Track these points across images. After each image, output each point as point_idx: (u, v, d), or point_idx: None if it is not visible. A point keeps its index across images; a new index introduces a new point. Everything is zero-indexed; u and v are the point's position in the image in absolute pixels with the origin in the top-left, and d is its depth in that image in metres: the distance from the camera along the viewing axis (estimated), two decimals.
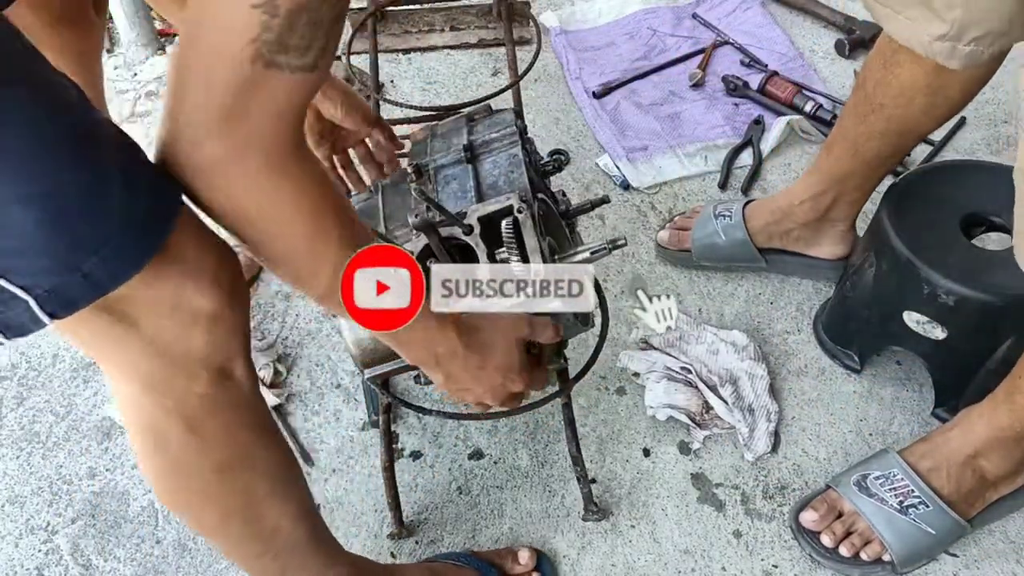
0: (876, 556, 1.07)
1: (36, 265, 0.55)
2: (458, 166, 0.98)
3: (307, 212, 0.65)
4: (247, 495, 0.81)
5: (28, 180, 0.54)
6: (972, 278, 1.08)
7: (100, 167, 0.57)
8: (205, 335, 0.66)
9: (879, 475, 1.09)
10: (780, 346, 1.35)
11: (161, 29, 1.94)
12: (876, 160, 1.22)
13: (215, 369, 0.70)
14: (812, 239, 1.37)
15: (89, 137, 0.58)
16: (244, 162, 0.60)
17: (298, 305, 1.42)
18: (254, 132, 0.59)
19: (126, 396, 0.72)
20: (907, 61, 1.08)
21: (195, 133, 0.59)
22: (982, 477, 1.08)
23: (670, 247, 1.44)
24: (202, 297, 0.64)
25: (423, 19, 1.94)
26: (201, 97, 0.58)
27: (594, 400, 1.29)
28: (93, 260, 0.56)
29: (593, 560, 1.13)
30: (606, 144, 1.66)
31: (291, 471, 0.87)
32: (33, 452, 1.25)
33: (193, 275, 0.64)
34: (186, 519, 0.84)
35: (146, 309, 0.63)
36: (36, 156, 0.54)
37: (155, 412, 0.71)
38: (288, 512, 0.86)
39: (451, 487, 1.20)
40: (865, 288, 1.22)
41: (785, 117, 1.65)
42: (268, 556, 0.87)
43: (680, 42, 1.88)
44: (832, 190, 1.29)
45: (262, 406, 0.80)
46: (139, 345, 0.65)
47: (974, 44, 0.99)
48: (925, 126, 1.16)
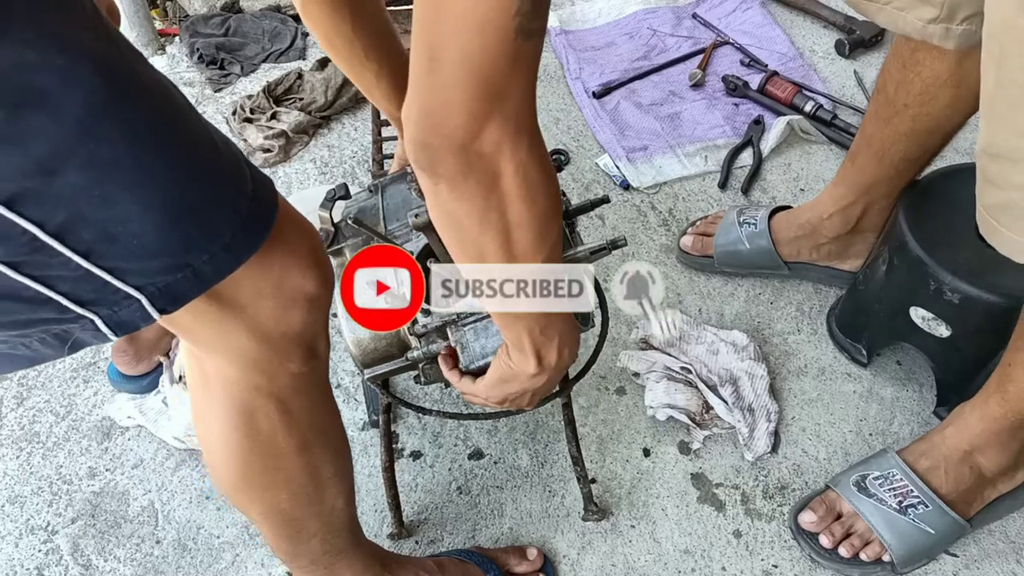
0: (876, 556, 1.07)
1: (151, 266, 0.57)
2: None
3: (552, 173, 0.67)
4: (317, 474, 0.82)
5: (150, 187, 0.54)
6: (979, 278, 1.08)
7: (211, 168, 0.58)
8: (304, 315, 0.68)
9: (878, 475, 1.09)
10: (780, 346, 1.35)
11: (161, 29, 1.94)
12: (903, 163, 1.21)
13: (306, 347, 0.71)
14: (843, 252, 1.36)
15: (198, 139, 0.59)
16: (520, 138, 0.61)
17: None
18: (522, 108, 0.60)
19: (216, 377, 0.73)
20: (927, 58, 1.08)
21: (462, 117, 0.58)
22: (980, 474, 1.08)
23: (693, 252, 1.43)
24: (304, 278, 0.66)
25: None
26: (462, 74, 0.56)
27: (594, 400, 1.29)
28: (205, 257, 0.58)
29: (593, 560, 1.13)
30: (606, 144, 1.66)
31: (349, 451, 0.89)
32: (33, 452, 1.25)
33: (295, 257, 0.66)
34: (254, 505, 0.83)
35: (252, 292, 0.64)
36: (155, 163, 0.55)
37: (247, 392, 0.72)
38: (344, 491, 0.87)
39: (451, 487, 1.20)
40: (877, 283, 1.22)
41: (785, 117, 1.65)
42: (318, 537, 0.89)
43: (680, 42, 1.88)
44: (861, 200, 1.28)
45: (330, 387, 0.83)
46: (240, 327, 0.66)
47: (967, 23, 1.00)
48: (951, 121, 1.15)
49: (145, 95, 0.55)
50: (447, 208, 0.66)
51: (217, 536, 1.16)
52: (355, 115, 1.77)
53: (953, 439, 1.08)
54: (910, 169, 1.22)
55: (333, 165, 1.67)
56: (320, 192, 1.10)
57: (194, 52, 1.87)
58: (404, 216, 0.96)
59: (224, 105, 1.77)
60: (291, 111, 1.70)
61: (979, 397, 1.07)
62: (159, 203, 0.55)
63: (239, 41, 1.91)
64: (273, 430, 0.75)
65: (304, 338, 0.70)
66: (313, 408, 0.78)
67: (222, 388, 0.73)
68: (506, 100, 0.58)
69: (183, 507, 1.18)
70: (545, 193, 0.67)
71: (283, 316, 0.67)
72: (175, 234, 0.56)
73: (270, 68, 1.88)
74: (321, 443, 0.81)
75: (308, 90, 1.74)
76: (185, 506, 1.19)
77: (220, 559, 1.14)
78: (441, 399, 1.29)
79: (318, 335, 0.72)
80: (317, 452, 0.81)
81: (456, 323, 0.89)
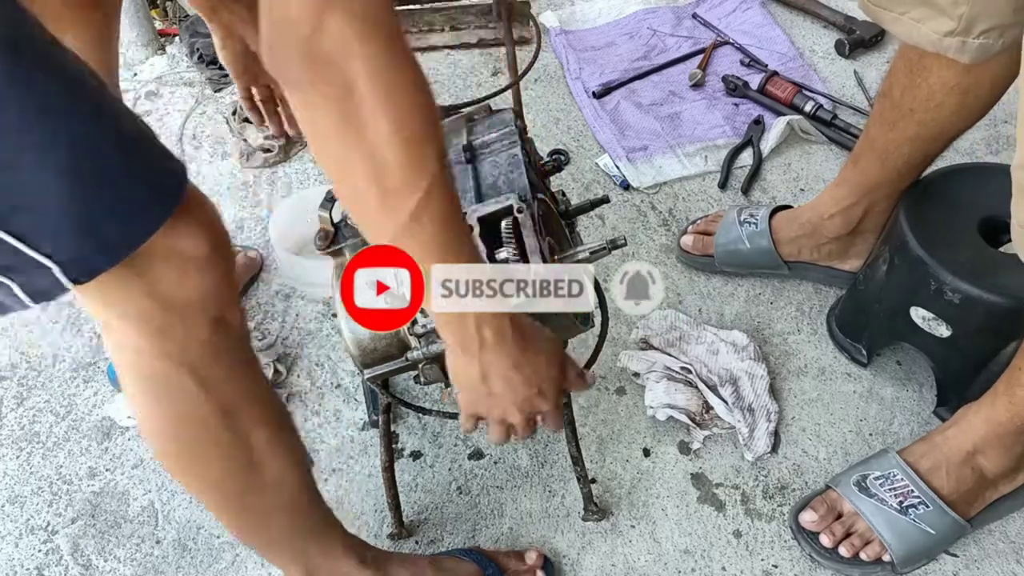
0: (876, 556, 1.07)
1: (62, 235, 0.58)
2: (458, 166, 0.98)
3: (424, 105, 0.63)
4: (247, 441, 0.81)
5: (58, 155, 0.56)
6: (979, 278, 1.08)
7: (121, 140, 0.60)
8: (201, 280, 0.69)
9: (879, 475, 1.09)
10: (780, 346, 1.35)
11: (161, 29, 1.94)
12: (906, 167, 1.21)
13: (212, 317, 0.72)
14: (844, 252, 1.36)
15: (108, 113, 0.60)
16: (372, 38, 0.58)
17: (298, 305, 1.42)
18: (374, 5, 0.57)
19: (129, 348, 0.73)
20: (935, 65, 1.07)
21: (300, 6, 0.57)
22: (982, 475, 1.08)
23: (694, 252, 1.43)
24: (193, 241, 0.67)
25: (423, 19, 1.94)
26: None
27: (594, 400, 1.29)
28: (115, 227, 0.60)
29: (593, 560, 1.13)
30: (606, 144, 1.66)
31: (289, 422, 0.89)
32: (33, 452, 1.25)
33: (187, 222, 0.66)
34: (189, 477, 0.84)
35: (149, 257, 0.65)
36: (64, 132, 0.56)
37: (158, 360, 0.73)
38: (291, 464, 0.87)
39: (451, 487, 1.20)
40: (877, 282, 1.23)
41: (785, 117, 1.65)
42: (275, 517, 0.88)
43: (680, 42, 1.88)
44: (863, 202, 1.28)
45: (256, 358, 0.83)
46: (143, 292, 0.67)
47: (983, 37, 1.00)
48: (956, 128, 1.16)
49: (55, 70, 0.57)
50: (304, 124, 0.63)
51: (217, 536, 1.16)
52: None
53: (956, 440, 1.08)
54: (912, 172, 1.23)
55: None
56: (320, 192, 1.09)
57: (194, 52, 1.87)
58: None
59: (224, 105, 1.77)
60: None
61: (986, 399, 1.07)
62: (68, 172, 0.56)
63: None
64: (189, 398, 0.75)
65: (206, 306, 0.71)
66: (231, 376, 0.78)
67: (136, 357, 0.74)
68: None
69: (183, 507, 1.18)
70: (412, 109, 0.61)
71: (180, 281, 0.68)
72: (84, 204, 0.58)
73: None
74: (246, 409, 0.80)
75: None
76: (185, 506, 1.19)
77: (220, 559, 1.14)
78: (441, 399, 1.29)
79: (225, 304, 0.73)
80: (243, 418, 0.80)
81: None
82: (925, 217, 1.16)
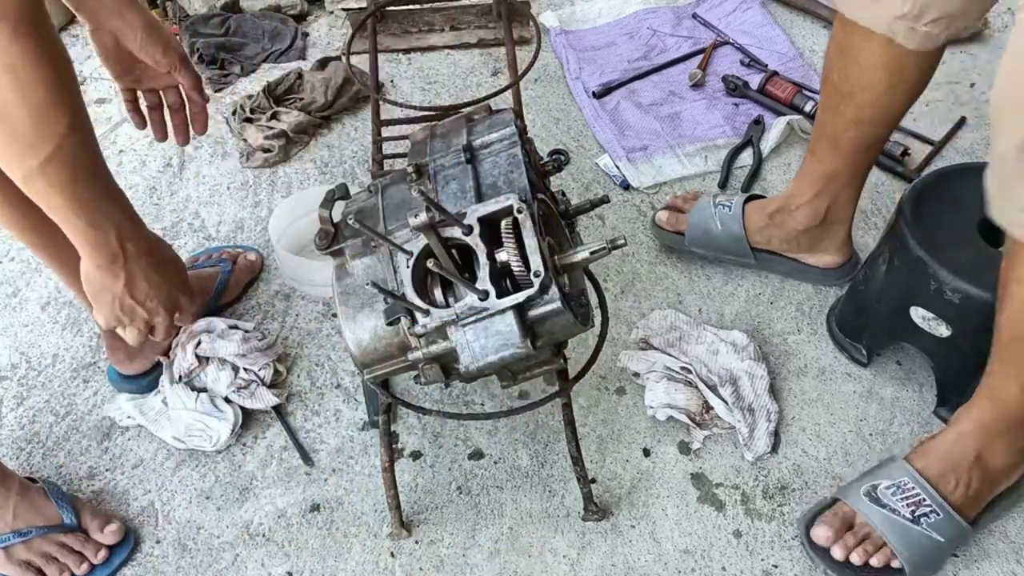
0: (885, 562, 1.06)
1: None
2: (458, 166, 0.98)
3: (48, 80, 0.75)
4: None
5: None
6: (979, 278, 1.08)
7: None
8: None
9: (889, 484, 1.08)
10: (780, 346, 1.35)
11: None
12: (856, 151, 1.23)
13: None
14: (812, 246, 1.37)
15: None
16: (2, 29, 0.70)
17: (298, 305, 1.42)
18: None
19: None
20: (860, 40, 1.10)
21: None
22: (987, 475, 1.07)
23: (667, 228, 1.44)
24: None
25: (423, 19, 1.94)
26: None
27: (594, 400, 1.29)
28: None
29: (593, 560, 1.13)
30: (606, 144, 1.66)
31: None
32: (33, 452, 1.25)
33: None
34: None
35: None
36: None
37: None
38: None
39: (451, 487, 1.20)
40: (877, 282, 1.23)
41: (785, 117, 1.65)
42: None
43: (680, 42, 1.88)
44: (825, 192, 1.29)
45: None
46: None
47: (930, 26, 1.04)
48: (892, 107, 1.17)
49: None
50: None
51: (217, 536, 1.16)
52: (355, 115, 1.77)
53: (964, 441, 1.07)
54: (863, 157, 1.25)
55: (333, 165, 1.67)
56: (320, 192, 1.10)
57: (194, 52, 1.87)
58: (404, 216, 0.96)
59: (224, 105, 1.77)
60: (291, 111, 1.70)
61: (985, 393, 1.06)
62: None
63: (239, 41, 1.91)
64: None
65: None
66: None
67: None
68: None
69: (183, 507, 1.18)
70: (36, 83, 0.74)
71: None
72: None
73: (270, 68, 1.88)
74: None
75: (308, 90, 1.74)
76: (185, 506, 1.19)
77: (220, 559, 1.14)
78: (441, 399, 1.29)
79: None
80: None
81: (456, 323, 0.89)
82: (925, 217, 1.16)
